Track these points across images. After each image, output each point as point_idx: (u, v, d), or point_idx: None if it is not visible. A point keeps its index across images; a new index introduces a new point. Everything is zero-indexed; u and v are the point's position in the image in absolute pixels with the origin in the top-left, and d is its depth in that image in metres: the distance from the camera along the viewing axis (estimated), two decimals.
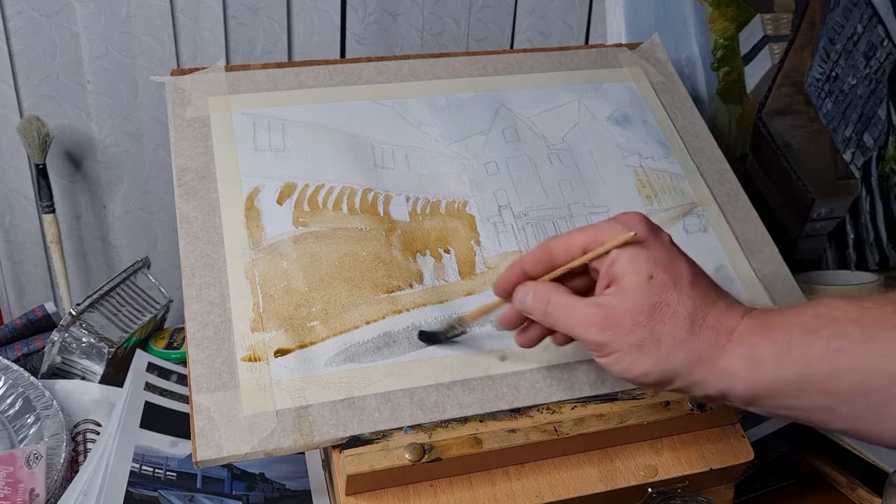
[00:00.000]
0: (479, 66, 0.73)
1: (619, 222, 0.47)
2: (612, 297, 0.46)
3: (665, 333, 0.45)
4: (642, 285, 0.45)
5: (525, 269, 0.50)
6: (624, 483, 0.55)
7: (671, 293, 0.45)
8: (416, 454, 0.51)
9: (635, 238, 0.46)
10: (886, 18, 0.83)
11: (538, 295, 0.49)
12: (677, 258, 0.46)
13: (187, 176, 0.62)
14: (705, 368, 0.44)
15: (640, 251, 0.46)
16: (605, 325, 0.45)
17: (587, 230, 0.48)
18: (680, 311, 0.45)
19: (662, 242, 0.47)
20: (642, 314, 0.45)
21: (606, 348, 0.46)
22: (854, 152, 0.90)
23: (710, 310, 0.45)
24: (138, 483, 0.61)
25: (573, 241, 0.48)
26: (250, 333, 0.55)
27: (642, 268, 0.45)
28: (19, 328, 0.80)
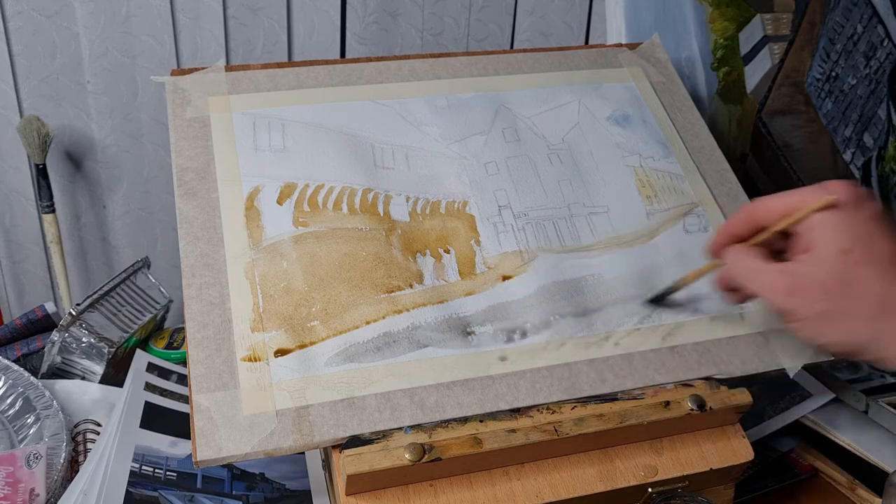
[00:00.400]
0: (479, 66, 0.73)
1: (823, 188, 0.47)
2: (804, 264, 0.46)
3: (854, 308, 0.45)
4: (836, 257, 0.45)
5: (732, 232, 0.51)
6: (624, 483, 0.55)
7: (865, 270, 0.45)
8: (416, 454, 0.51)
9: (835, 203, 0.45)
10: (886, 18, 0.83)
11: (736, 259, 0.50)
12: (878, 233, 0.46)
13: (187, 176, 0.62)
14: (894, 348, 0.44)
15: (839, 221, 0.46)
16: (792, 292, 0.46)
17: (791, 194, 0.48)
18: (873, 289, 0.44)
19: (865, 215, 0.46)
20: (832, 285, 0.45)
21: (793, 315, 0.46)
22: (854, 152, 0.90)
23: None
24: (138, 483, 0.61)
25: (776, 204, 0.49)
26: (250, 333, 0.55)
27: (839, 239, 0.45)
28: (19, 328, 0.80)
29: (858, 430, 0.72)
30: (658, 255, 0.64)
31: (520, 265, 0.62)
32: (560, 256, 0.62)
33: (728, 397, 0.57)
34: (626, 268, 0.63)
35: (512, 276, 0.61)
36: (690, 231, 0.67)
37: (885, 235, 0.46)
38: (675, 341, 0.59)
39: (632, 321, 0.60)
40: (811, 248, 0.46)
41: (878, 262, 0.45)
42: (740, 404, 0.57)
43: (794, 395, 0.75)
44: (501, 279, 0.61)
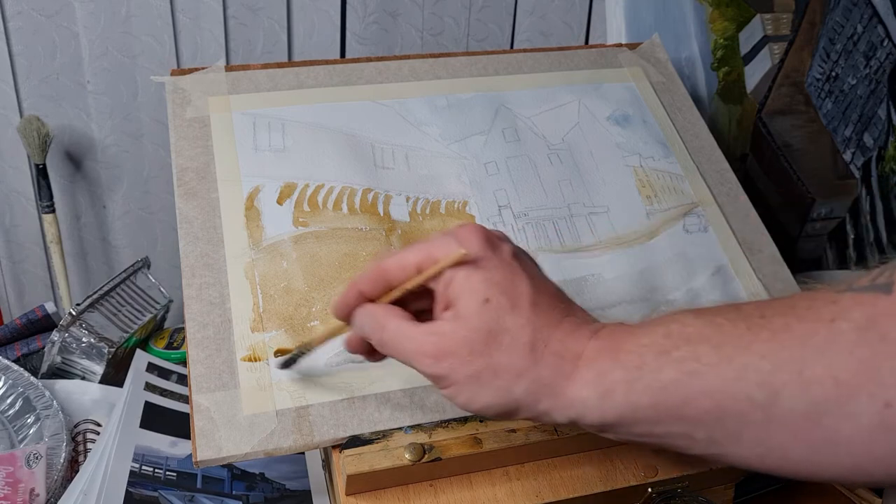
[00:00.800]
0: (479, 66, 0.73)
1: (454, 237, 0.43)
2: (448, 323, 0.42)
3: (504, 363, 0.41)
4: (477, 310, 0.41)
5: (362, 291, 0.45)
6: (624, 483, 0.55)
7: (509, 317, 0.41)
8: (416, 454, 0.51)
9: (467, 257, 0.42)
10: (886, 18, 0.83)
11: (373, 320, 0.44)
12: (517, 276, 0.42)
13: (187, 176, 0.62)
14: (551, 398, 0.41)
15: (475, 271, 0.42)
16: (440, 356, 0.41)
17: (421, 247, 0.43)
18: (519, 338, 0.41)
19: (501, 259, 0.42)
20: (479, 343, 0.41)
21: (443, 381, 0.42)
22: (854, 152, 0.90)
23: (554, 332, 0.41)
24: (138, 483, 0.61)
25: (407, 260, 0.43)
26: (250, 333, 0.55)
27: (477, 290, 0.41)
28: (19, 328, 0.80)
29: None
30: (658, 255, 0.64)
31: None
32: (560, 256, 0.62)
33: None
34: (626, 268, 0.63)
35: None
36: (690, 231, 0.67)
37: (524, 276, 0.42)
38: None
39: (632, 321, 0.60)
40: (451, 304, 0.42)
41: (520, 306, 0.41)
42: None
43: None
44: None
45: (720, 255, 0.66)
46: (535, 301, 0.42)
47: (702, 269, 0.65)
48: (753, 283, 0.65)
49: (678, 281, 0.64)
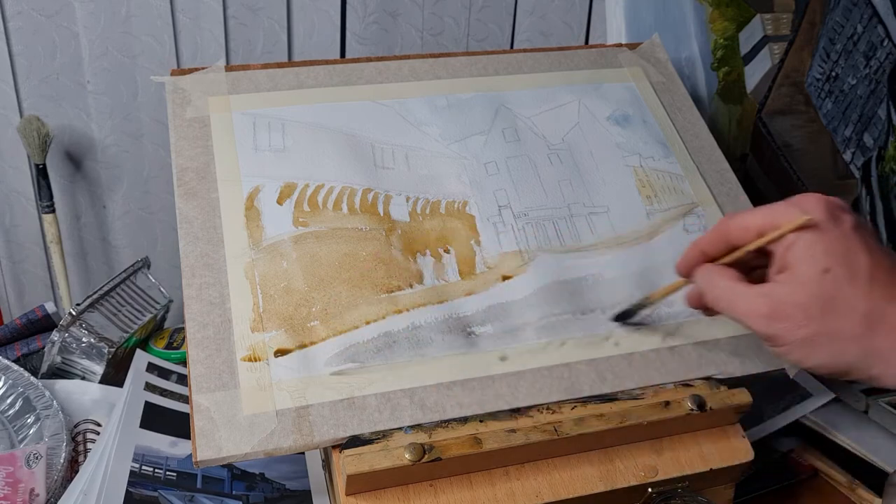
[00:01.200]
0: (479, 66, 0.73)
1: (797, 205, 0.45)
2: (784, 286, 0.45)
3: (839, 329, 0.43)
4: (816, 278, 0.43)
5: (703, 250, 0.49)
6: (624, 483, 0.55)
7: (847, 288, 0.43)
8: (416, 454, 0.51)
9: (810, 223, 0.44)
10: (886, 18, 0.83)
11: (709, 280, 0.48)
12: (857, 248, 0.44)
13: (187, 176, 0.62)
14: (884, 365, 0.43)
15: (817, 239, 0.44)
16: (774, 317, 0.44)
17: (764, 211, 0.46)
18: (857, 308, 0.43)
19: (842, 230, 0.44)
20: (815, 308, 0.43)
21: (777, 340, 0.45)
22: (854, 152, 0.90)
23: (890, 305, 0.43)
24: (138, 483, 0.61)
25: (749, 222, 0.47)
26: (250, 333, 0.55)
27: (818, 258, 0.44)
28: (19, 328, 0.80)
29: (858, 430, 0.72)
30: (658, 255, 0.64)
31: (520, 265, 0.62)
32: (560, 256, 0.62)
33: (728, 397, 0.57)
34: (626, 268, 0.63)
35: (512, 276, 0.61)
36: (690, 231, 0.67)
37: (863, 248, 0.44)
38: (675, 341, 0.59)
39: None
40: (789, 268, 0.45)
41: (859, 278, 0.43)
42: (740, 404, 0.57)
43: (794, 395, 0.75)
44: (501, 279, 0.61)
45: None
46: (873, 274, 0.44)
47: None
48: None
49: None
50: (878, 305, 0.43)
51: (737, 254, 0.48)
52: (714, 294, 0.48)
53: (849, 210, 0.46)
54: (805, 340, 0.44)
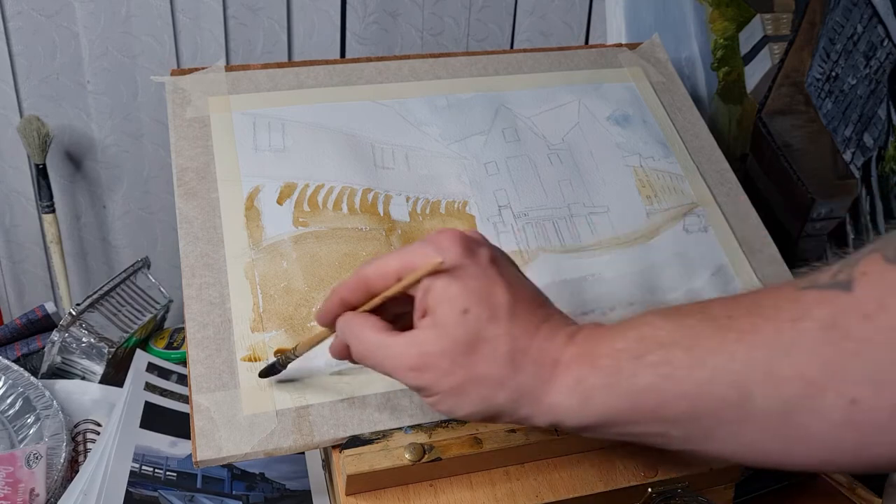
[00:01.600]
0: (479, 66, 0.73)
1: (432, 244, 0.43)
2: (426, 332, 0.42)
3: (484, 373, 0.41)
4: (457, 320, 0.41)
5: (343, 298, 0.45)
6: (624, 483, 0.55)
7: (488, 328, 0.41)
8: (416, 454, 0.51)
9: (443, 266, 0.42)
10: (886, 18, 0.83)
11: (351, 331, 0.45)
12: (495, 284, 0.42)
13: (187, 176, 0.62)
14: (532, 405, 0.42)
15: (453, 280, 0.42)
16: (421, 368, 0.42)
17: (400, 254, 0.44)
18: (498, 348, 0.41)
19: (479, 267, 0.42)
20: (459, 354, 0.41)
21: (426, 391, 0.43)
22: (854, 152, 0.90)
23: (532, 341, 0.42)
24: (138, 483, 0.61)
25: (386, 267, 0.44)
26: (250, 333, 0.55)
27: (455, 300, 0.41)
28: (19, 328, 0.80)
29: None
30: (658, 255, 0.64)
31: (520, 265, 0.61)
32: (560, 256, 0.62)
33: None
34: (626, 268, 0.63)
35: None
36: (690, 231, 0.67)
37: (502, 283, 0.42)
38: None
39: None
40: (430, 312, 0.42)
41: (499, 316, 0.42)
42: None
43: None
44: None
45: (720, 255, 0.66)
46: (512, 310, 0.42)
47: (702, 270, 0.65)
48: (753, 284, 0.65)
49: (678, 281, 0.64)
50: (520, 342, 0.42)
51: (375, 301, 0.44)
52: (360, 348, 0.44)
53: (486, 244, 0.44)
54: (453, 388, 0.42)
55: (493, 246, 0.45)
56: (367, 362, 0.45)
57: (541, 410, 0.42)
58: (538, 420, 0.42)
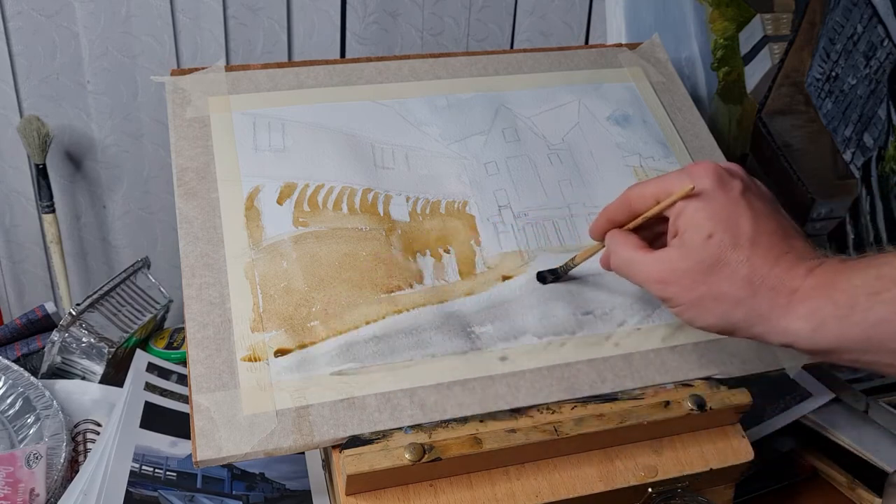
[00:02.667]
0: (479, 66, 0.73)
1: (687, 173, 0.48)
2: (674, 251, 0.47)
3: (724, 292, 0.46)
4: (702, 243, 0.46)
5: (610, 217, 0.53)
6: (624, 483, 0.55)
7: (730, 252, 0.46)
8: (416, 454, 0.51)
9: (693, 192, 0.47)
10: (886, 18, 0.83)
11: (613, 246, 0.51)
12: (741, 214, 0.47)
13: (187, 176, 0.62)
14: (766, 325, 0.46)
15: (703, 206, 0.47)
16: (667, 282, 0.47)
17: (659, 180, 0.49)
18: (738, 271, 0.46)
19: (729, 197, 0.47)
20: (701, 273, 0.46)
21: (670, 302, 0.48)
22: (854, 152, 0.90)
23: (772, 269, 0.45)
24: (138, 483, 0.61)
25: (645, 191, 0.50)
26: (250, 333, 0.55)
27: (702, 225, 0.46)
28: (19, 328, 0.80)
29: (858, 430, 0.72)
30: None
31: (520, 265, 0.62)
32: (560, 256, 0.62)
33: (728, 397, 0.57)
34: None
35: (512, 276, 0.61)
36: None
37: (748, 214, 0.47)
38: (675, 341, 0.59)
39: (632, 321, 0.60)
40: (679, 234, 0.48)
41: (741, 244, 0.46)
42: (740, 404, 0.57)
43: (794, 395, 0.75)
44: (501, 279, 0.61)
45: None
46: (755, 240, 0.46)
47: None
48: None
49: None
50: (759, 269, 0.45)
51: (636, 221, 0.51)
52: (617, 260, 0.51)
53: (740, 175, 0.49)
54: (694, 302, 0.47)
55: (750, 178, 0.49)
56: (623, 272, 0.51)
57: (775, 331, 0.45)
58: (772, 338, 0.46)
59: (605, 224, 0.53)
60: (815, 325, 0.44)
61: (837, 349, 0.44)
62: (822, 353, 0.45)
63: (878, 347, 0.43)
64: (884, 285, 0.42)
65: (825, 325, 0.44)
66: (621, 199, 0.52)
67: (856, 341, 0.43)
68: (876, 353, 0.43)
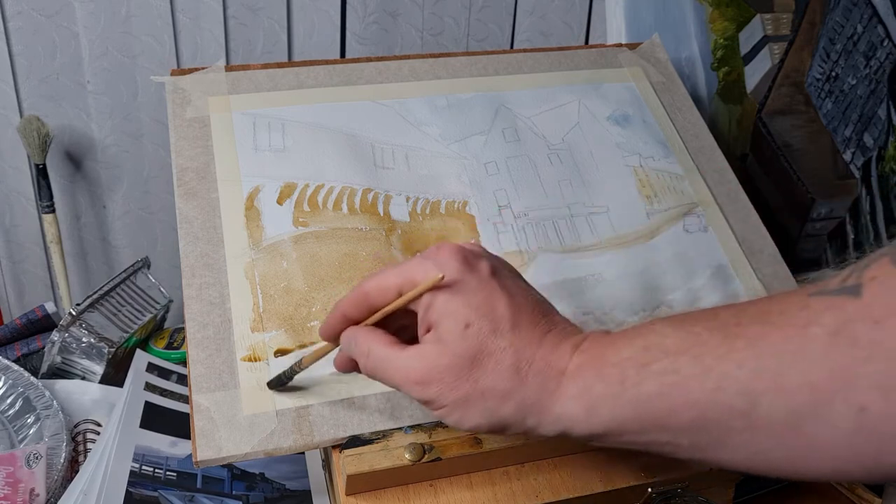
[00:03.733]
0: (479, 66, 0.73)
1: (432, 260, 0.43)
2: (430, 347, 0.43)
3: (490, 386, 0.42)
4: (460, 335, 0.42)
5: (345, 314, 0.46)
6: (624, 483, 0.55)
7: (491, 341, 0.42)
8: (416, 454, 0.51)
9: (443, 282, 0.42)
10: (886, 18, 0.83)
11: (357, 346, 0.45)
12: (497, 297, 0.43)
13: (187, 176, 0.62)
14: (538, 415, 0.42)
15: (454, 295, 0.42)
16: (427, 382, 0.42)
17: (399, 270, 0.44)
18: (503, 361, 0.42)
19: (480, 280, 0.43)
20: (463, 368, 0.42)
21: (432, 404, 0.43)
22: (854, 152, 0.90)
23: (536, 352, 0.42)
24: (138, 483, 0.61)
25: (386, 283, 0.44)
26: (250, 333, 0.55)
27: (458, 315, 0.42)
28: (19, 328, 0.80)
29: None
30: (658, 255, 0.64)
31: (520, 265, 0.62)
32: (560, 256, 0.62)
33: None
34: (626, 267, 0.63)
35: None
36: (690, 231, 0.67)
37: (503, 295, 0.43)
38: None
39: (632, 321, 0.60)
40: (433, 327, 0.43)
41: (500, 329, 0.42)
42: None
43: None
44: None
45: (720, 255, 0.66)
46: (515, 322, 0.42)
47: (702, 270, 0.65)
48: (753, 283, 0.65)
49: (678, 281, 0.64)
50: (524, 354, 0.42)
51: (376, 316, 0.45)
52: (366, 363, 0.45)
53: (485, 256, 0.45)
54: (458, 401, 0.42)
55: (493, 256, 0.45)
56: (376, 376, 0.45)
57: (548, 421, 0.42)
58: (545, 430, 0.42)
59: (340, 322, 0.46)
60: (588, 406, 0.40)
61: (613, 431, 0.40)
62: (599, 436, 0.41)
63: (654, 426, 0.39)
64: (653, 356, 0.39)
65: (598, 406, 0.40)
66: (357, 294, 0.45)
67: (630, 420, 0.40)
68: (653, 433, 0.40)
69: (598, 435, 0.41)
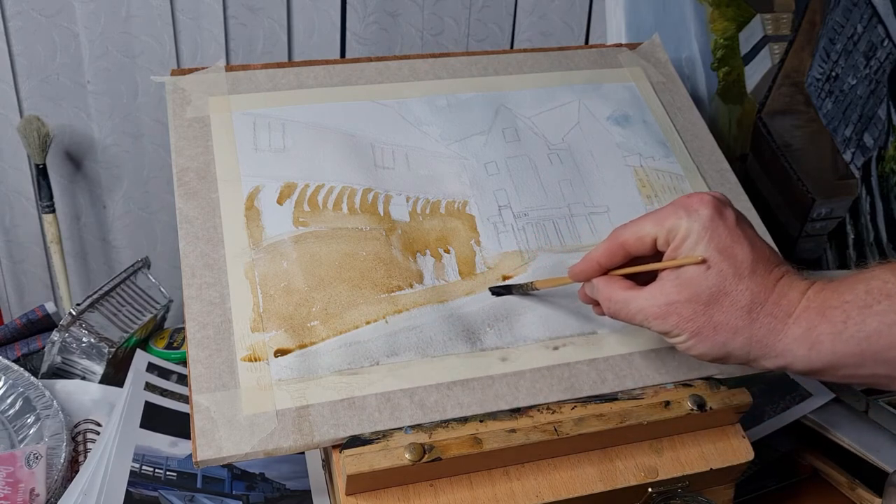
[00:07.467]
0: (479, 66, 0.73)
1: (684, 208, 0.48)
2: (671, 284, 0.48)
3: (723, 322, 0.47)
4: (702, 274, 0.47)
5: (601, 264, 0.52)
6: (624, 483, 0.55)
7: (730, 283, 0.47)
8: (416, 454, 0.51)
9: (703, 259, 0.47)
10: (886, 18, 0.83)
11: (605, 294, 0.51)
12: (739, 243, 0.47)
13: (187, 176, 0.62)
14: (762, 350, 0.47)
15: (702, 237, 0.47)
16: (665, 315, 0.48)
17: (655, 218, 0.49)
18: (738, 301, 0.47)
19: (726, 226, 0.48)
20: (700, 304, 0.47)
21: (670, 334, 0.49)
22: (854, 152, 0.90)
23: (769, 296, 0.47)
24: (138, 483, 0.61)
25: (643, 231, 0.50)
26: (250, 333, 0.55)
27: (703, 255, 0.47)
28: (19, 328, 0.80)
29: (858, 430, 0.72)
30: None
31: (520, 265, 0.62)
32: (560, 256, 0.63)
33: (728, 397, 0.57)
34: None
35: (512, 276, 0.61)
36: None
37: (745, 244, 0.48)
38: None
39: None
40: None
41: (740, 273, 0.47)
42: (740, 404, 0.57)
43: (794, 395, 0.75)
44: (502, 279, 0.61)
45: None
46: (754, 268, 0.47)
47: None
48: None
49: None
50: (758, 297, 0.47)
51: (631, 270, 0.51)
52: (610, 307, 0.51)
53: (731, 205, 0.50)
54: (693, 332, 0.48)
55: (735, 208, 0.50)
56: (619, 316, 0.51)
57: (770, 355, 0.47)
58: (767, 363, 0.48)
59: (596, 269, 0.53)
60: (810, 344, 0.45)
61: (832, 366, 0.45)
62: (817, 371, 0.46)
63: (873, 359, 0.44)
64: (874, 298, 0.44)
65: (820, 344, 0.45)
66: (612, 244, 0.51)
67: (850, 356, 0.44)
68: (871, 366, 0.44)
69: (817, 370, 0.46)
